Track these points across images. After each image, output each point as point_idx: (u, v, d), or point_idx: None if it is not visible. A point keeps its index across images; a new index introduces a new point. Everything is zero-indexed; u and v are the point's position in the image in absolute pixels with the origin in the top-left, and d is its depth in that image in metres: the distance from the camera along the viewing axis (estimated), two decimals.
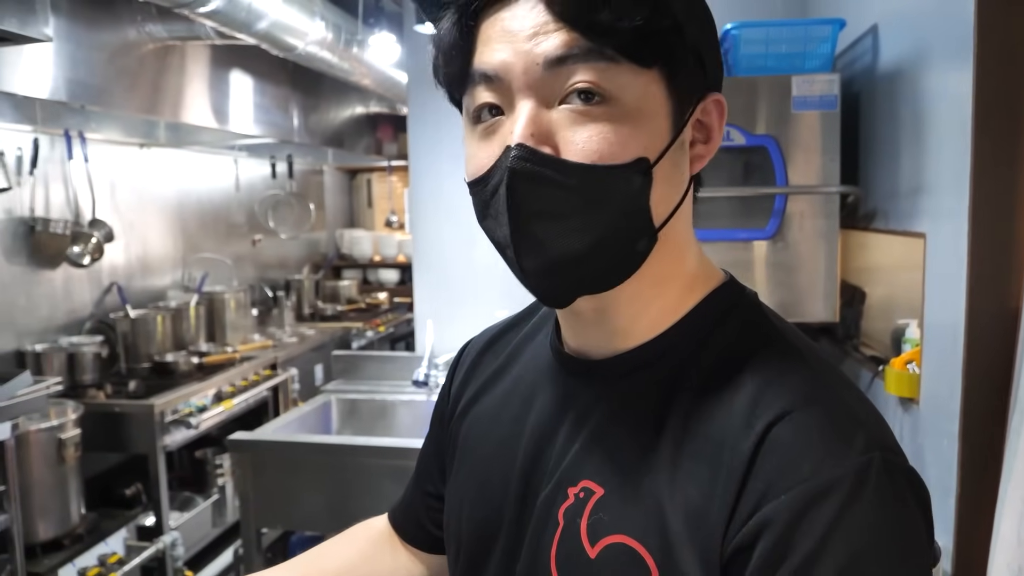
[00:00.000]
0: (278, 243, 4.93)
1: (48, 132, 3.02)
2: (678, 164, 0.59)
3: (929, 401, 1.47)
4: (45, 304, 3.05)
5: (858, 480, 0.51)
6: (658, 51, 0.56)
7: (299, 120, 3.86)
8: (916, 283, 1.52)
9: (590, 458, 0.61)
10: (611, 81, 0.54)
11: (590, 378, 0.64)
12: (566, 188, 0.54)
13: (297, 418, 2.50)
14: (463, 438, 0.75)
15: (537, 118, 0.55)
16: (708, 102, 0.60)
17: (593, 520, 0.59)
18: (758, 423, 0.54)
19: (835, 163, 1.80)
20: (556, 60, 0.54)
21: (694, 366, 0.60)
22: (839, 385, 0.58)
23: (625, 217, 0.56)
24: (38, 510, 2.44)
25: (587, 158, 0.54)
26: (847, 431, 0.53)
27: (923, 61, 1.49)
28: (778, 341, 0.60)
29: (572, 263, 0.56)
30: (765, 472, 0.52)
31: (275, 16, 2.46)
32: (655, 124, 0.56)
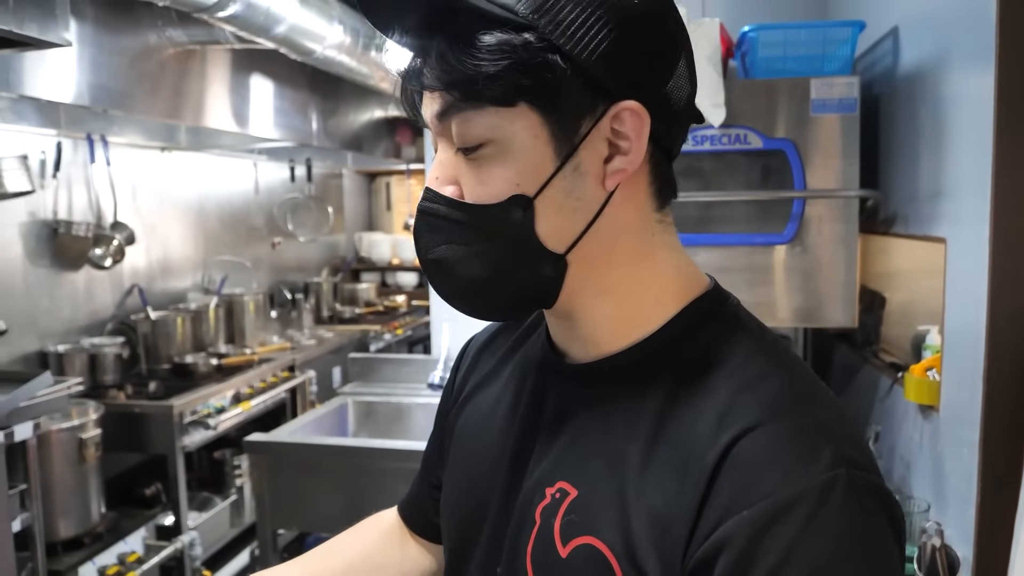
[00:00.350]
0: (297, 246, 4.96)
1: (71, 136, 3.06)
2: (572, 189, 0.58)
3: (949, 409, 1.45)
4: (67, 305, 3.09)
5: (822, 496, 0.50)
6: (522, 89, 0.56)
7: (318, 124, 3.88)
8: (936, 289, 1.49)
9: (568, 458, 0.63)
10: (482, 126, 0.57)
11: (574, 380, 0.66)
12: (462, 225, 0.59)
13: (314, 420, 2.51)
14: (458, 431, 0.78)
15: (444, 162, 0.60)
16: (620, 113, 0.58)
17: (566, 520, 0.61)
18: (724, 435, 0.54)
19: (854, 167, 1.78)
20: (439, 115, 0.59)
21: (669, 373, 0.60)
22: (811, 397, 0.58)
23: (515, 248, 0.59)
24: (59, 509, 2.47)
25: (473, 199, 0.59)
26: (813, 446, 0.53)
27: (944, 63, 1.47)
28: (754, 351, 0.60)
29: (475, 289, 0.61)
30: (728, 486, 0.52)
31: (293, 20, 2.48)
32: (530, 157, 0.57)
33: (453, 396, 0.82)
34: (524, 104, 0.56)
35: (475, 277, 0.60)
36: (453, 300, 0.63)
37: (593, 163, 0.58)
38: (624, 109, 0.58)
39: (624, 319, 0.63)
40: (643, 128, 0.58)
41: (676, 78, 0.60)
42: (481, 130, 0.57)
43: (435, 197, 0.60)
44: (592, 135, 0.58)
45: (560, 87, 0.56)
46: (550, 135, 0.57)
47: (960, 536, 1.32)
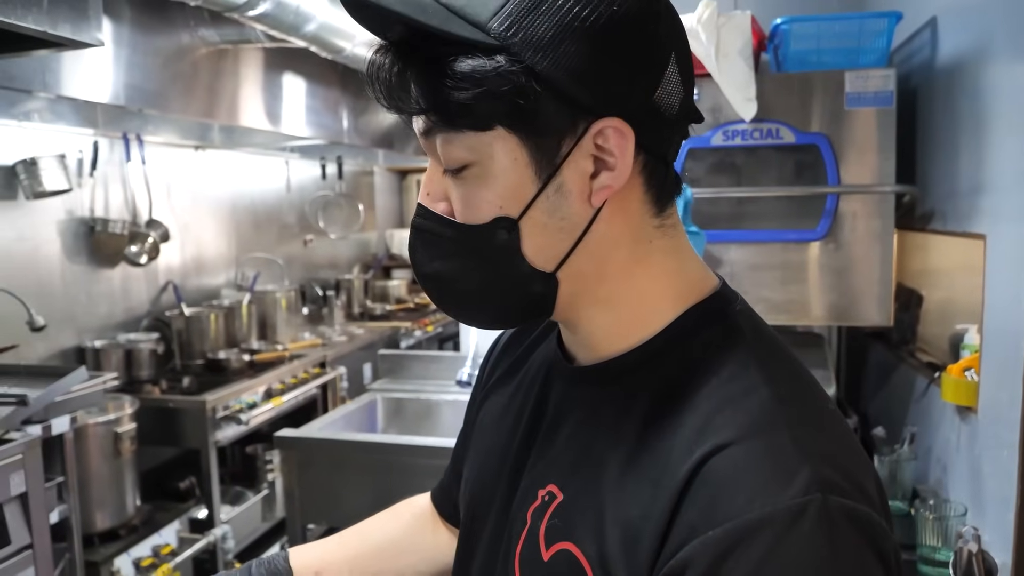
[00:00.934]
0: (329, 243, 5.00)
1: (107, 135, 3.12)
2: (556, 209, 0.57)
3: (988, 410, 1.41)
4: (104, 302, 3.15)
5: (790, 522, 0.47)
6: (495, 113, 0.55)
7: (349, 122, 3.91)
8: (975, 287, 1.45)
9: (560, 461, 0.64)
10: (463, 148, 0.57)
11: (571, 382, 0.67)
12: (450, 240, 0.60)
13: (343, 416, 2.52)
14: (478, 424, 0.79)
15: (434, 178, 0.61)
16: (603, 130, 0.56)
17: (550, 524, 0.61)
18: (699, 449, 0.52)
19: (890, 162, 1.74)
20: (424, 133, 0.59)
21: (660, 380, 0.59)
22: (802, 416, 0.54)
23: (502, 267, 0.59)
24: (95, 501, 2.52)
25: (460, 219, 0.59)
26: (788, 468, 0.50)
27: (985, 54, 1.43)
28: (747, 360, 0.58)
29: (469, 303, 0.63)
30: (697, 504, 0.51)
31: (322, 18, 2.49)
32: (512, 179, 0.57)
33: (481, 389, 0.83)
34: (501, 128, 0.55)
35: (467, 292, 0.62)
36: (450, 312, 0.64)
37: (577, 181, 0.57)
38: (606, 127, 0.56)
39: (622, 325, 0.62)
40: (627, 145, 0.56)
41: (665, 84, 0.57)
42: (462, 152, 0.57)
43: (427, 214, 0.61)
44: (574, 154, 0.56)
45: (536, 109, 0.54)
46: (529, 157, 0.56)
47: (998, 541, 1.28)
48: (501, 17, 0.54)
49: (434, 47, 0.54)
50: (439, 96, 0.55)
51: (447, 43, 0.54)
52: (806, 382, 0.59)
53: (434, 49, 0.54)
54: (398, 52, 0.56)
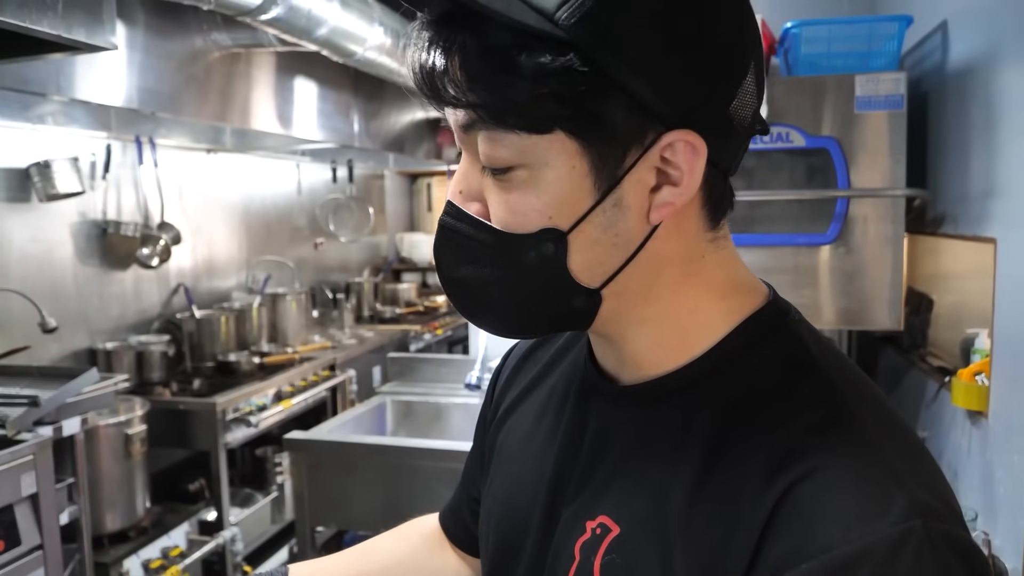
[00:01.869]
0: (339, 246, 5.02)
1: (120, 138, 3.15)
2: (612, 224, 0.52)
3: (999, 415, 1.40)
4: (116, 304, 3.18)
5: (892, 552, 0.44)
6: (557, 118, 0.49)
7: (360, 125, 3.92)
8: (986, 291, 1.45)
9: (609, 490, 0.58)
10: (510, 149, 0.50)
11: (614, 403, 0.61)
12: (486, 246, 0.54)
13: (353, 419, 2.53)
14: (499, 447, 0.73)
15: (469, 175, 0.55)
16: (673, 142, 0.50)
17: (607, 560, 0.56)
18: (782, 478, 0.48)
19: (901, 165, 1.73)
20: (464, 127, 0.52)
21: (722, 401, 0.54)
22: (882, 435, 0.51)
23: (543, 281, 0.54)
24: (105, 502, 2.54)
25: (498, 224, 0.53)
26: (884, 494, 0.46)
27: (996, 58, 1.43)
28: (817, 378, 0.54)
29: (497, 314, 0.57)
30: (785, 536, 0.47)
31: (334, 22, 2.51)
32: (567, 188, 0.51)
33: (492, 408, 0.78)
34: (561, 132, 0.49)
35: (499, 302, 0.56)
36: (475, 320, 0.59)
37: (637, 196, 0.52)
38: (678, 140, 0.50)
39: (670, 342, 0.57)
40: (698, 161, 0.51)
41: (742, 95, 0.52)
42: (509, 154, 0.51)
43: (458, 214, 0.55)
44: (639, 165, 0.51)
45: (604, 116, 0.49)
46: (590, 166, 0.50)
47: (1009, 547, 1.27)
48: (572, 7, 0.47)
49: (492, 33, 0.48)
50: (493, 91, 0.49)
51: (508, 29, 0.47)
52: (880, 397, 0.55)
53: (492, 35, 0.48)
54: (445, 34, 0.50)
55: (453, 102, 0.51)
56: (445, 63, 0.50)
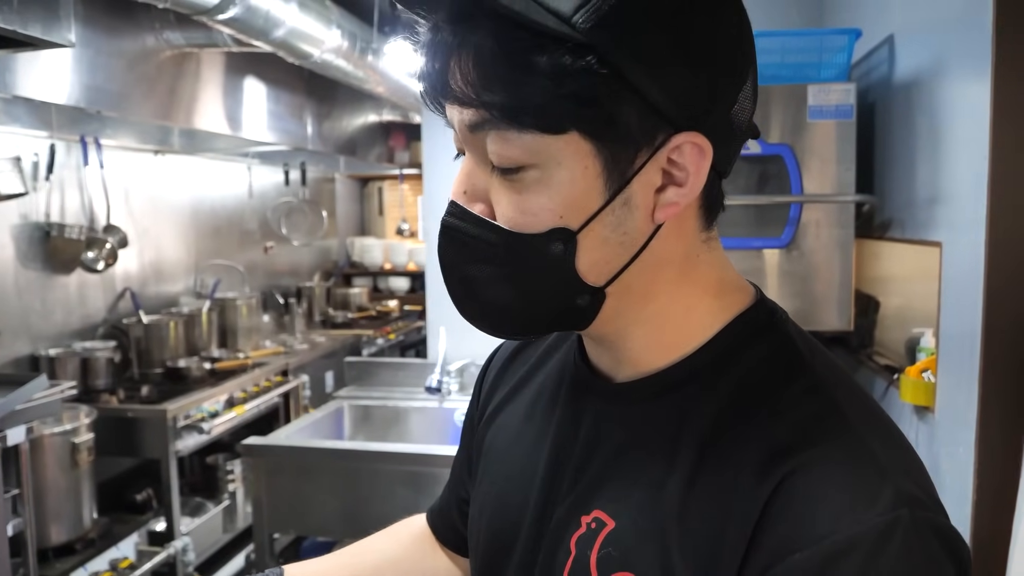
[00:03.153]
0: (290, 250, 4.95)
1: (64, 138, 3.05)
2: (620, 223, 0.53)
3: (945, 409, 1.47)
4: (60, 309, 3.08)
5: (881, 540, 0.46)
6: (573, 118, 0.50)
7: (313, 127, 3.88)
8: (931, 292, 1.51)
9: (604, 485, 0.59)
10: (522, 149, 0.51)
11: (608, 400, 0.62)
12: (492, 246, 0.54)
13: (310, 424, 2.50)
14: (487, 446, 0.74)
15: (473, 175, 0.55)
16: (681, 144, 0.52)
17: (603, 554, 0.57)
18: (775, 471, 0.50)
19: (850, 172, 1.80)
20: (473, 126, 0.52)
21: (712, 398, 0.56)
22: (869, 429, 0.53)
23: (550, 280, 0.54)
24: (51, 514, 2.46)
25: (505, 224, 0.53)
26: (871, 485, 0.48)
27: (941, 71, 1.50)
28: (806, 375, 0.56)
29: (502, 314, 0.57)
30: (778, 526, 0.49)
31: (292, 24, 2.48)
32: (576, 189, 0.52)
33: (480, 408, 0.78)
34: (575, 132, 0.50)
35: (503, 301, 0.56)
36: (476, 321, 0.59)
37: (645, 196, 0.53)
38: (686, 142, 0.52)
39: (664, 340, 0.59)
40: (704, 162, 0.52)
41: (742, 100, 0.54)
42: (521, 153, 0.51)
43: (463, 214, 0.55)
44: (648, 166, 0.52)
45: (619, 117, 0.50)
46: (602, 166, 0.51)
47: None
48: (589, 11, 0.48)
49: (510, 32, 0.48)
50: (509, 90, 0.49)
51: (527, 30, 0.48)
52: (864, 394, 0.58)
53: (510, 35, 0.48)
54: (460, 34, 0.50)
55: (468, 101, 0.51)
56: (459, 62, 0.50)
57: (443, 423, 2.64)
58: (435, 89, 0.53)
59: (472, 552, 0.73)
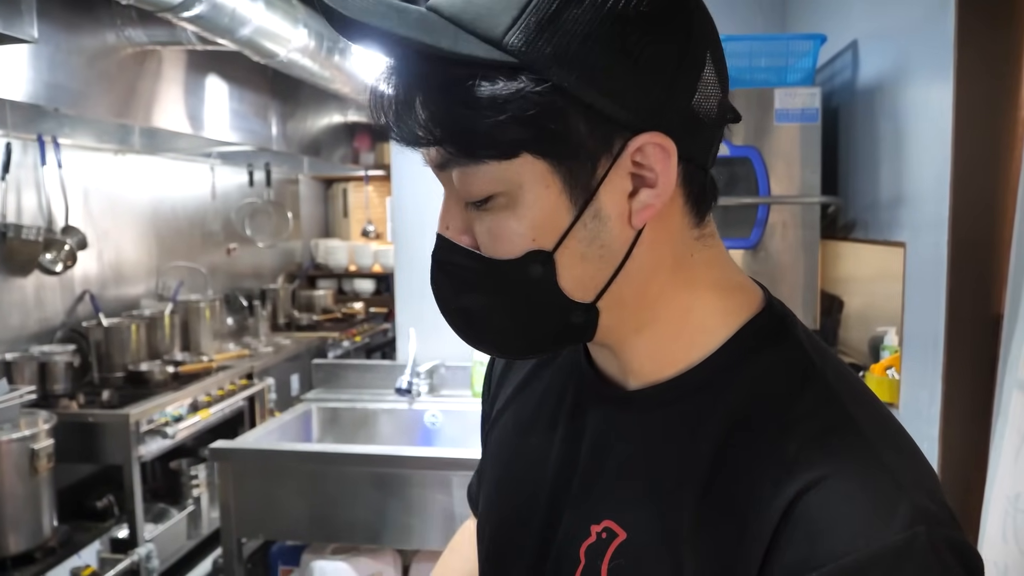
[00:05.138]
0: (253, 252, 4.88)
1: (21, 137, 2.97)
2: (595, 237, 0.53)
3: (909, 406, 1.51)
4: (16, 312, 2.99)
5: (899, 559, 0.45)
6: (522, 142, 0.50)
7: (277, 128, 3.84)
8: (894, 292, 1.55)
9: (613, 495, 0.58)
10: (484, 180, 0.51)
11: (618, 407, 0.61)
12: (477, 274, 0.55)
13: (278, 427, 2.47)
14: (494, 446, 0.74)
15: (452, 210, 0.56)
16: (642, 146, 0.51)
17: (614, 565, 0.56)
18: (788, 487, 0.49)
19: (816, 174, 1.84)
20: (438, 165, 0.54)
21: (724, 407, 0.55)
22: (881, 439, 0.52)
23: (538, 302, 0.55)
24: (9, 522, 2.39)
25: (487, 253, 0.54)
26: (888, 501, 0.48)
27: (903, 76, 1.54)
28: (818, 384, 0.55)
29: (504, 338, 0.58)
30: (793, 544, 0.48)
31: (258, 22, 2.45)
32: (545, 209, 0.51)
33: (490, 406, 0.78)
34: (528, 154, 0.50)
35: (500, 327, 0.57)
36: (479, 346, 0.59)
37: (615, 204, 0.52)
38: (646, 143, 0.51)
39: (669, 347, 0.58)
40: (670, 160, 0.51)
41: (703, 87, 0.52)
42: (485, 185, 0.52)
43: (449, 247, 0.55)
44: (611, 175, 0.51)
45: (567, 131, 0.50)
46: (562, 183, 0.51)
47: None
48: (518, 31, 0.48)
49: (445, 69, 0.49)
50: (456, 125, 0.50)
51: (460, 64, 0.48)
52: (874, 401, 0.57)
53: (445, 71, 0.49)
54: (405, 76, 0.51)
55: (423, 142, 0.52)
56: (409, 106, 0.51)
57: (413, 425, 2.62)
58: (400, 136, 0.52)
59: (479, 555, 0.72)
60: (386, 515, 2.06)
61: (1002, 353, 1.16)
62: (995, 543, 1.10)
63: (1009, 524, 1.09)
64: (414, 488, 2.03)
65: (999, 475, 1.12)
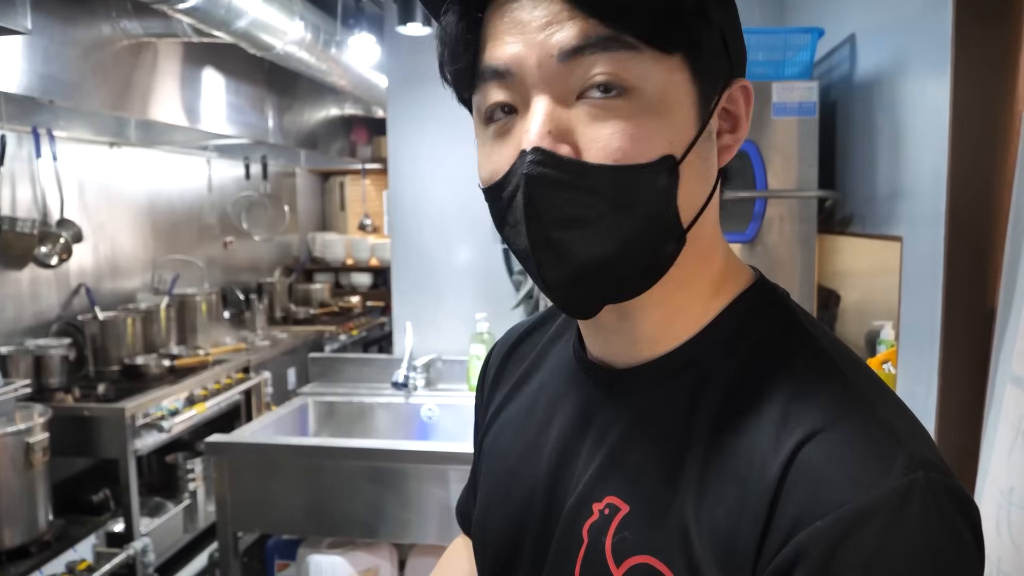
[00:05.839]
0: (249, 245, 4.87)
1: (15, 129, 2.96)
2: (706, 158, 0.55)
3: (905, 400, 1.49)
4: (11, 305, 2.98)
5: (900, 504, 0.47)
6: (682, 36, 0.52)
7: (274, 121, 3.82)
8: (890, 286, 1.55)
9: (615, 472, 0.58)
10: (632, 71, 0.50)
11: (614, 387, 0.61)
12: (588, 192, 0.50)
13: (274, 421, 2.47)
14: (490, 445, 0.73)
15: (554, 115, 0.51)
16: (734, 88, 0.56)
17: (618, 539, 0.56)
18: (788, 441, 0.50)
19: (813, 168, 1.84)
20: (572, 51, 0.49)
21: (722, 375, 0.56)
22: (876, 396, 0.53)
23: (652, 220, 0.53)
24: (4, 516, 2.38)
25: (609, 158, 0.50)
26: (886, 450, 0.49)
27: (901, 70, 1.53)
28: (811, 347, 0.56)
29: (597, 272, 0.53)
30: (796, 496, 0.49)
31: (255, 15, 2.44)
32: (680, 116, 0.52)
33: (484, 407, 0.78)
34: (680, 57, 0.52)
35: (598, 258, 0.52)
36: (564, 289, 0.54)
37: (715, 135, 0.57)
38: (740, 86, 0.57)
39: (672, 318, 0.59)
40: (750, 106, 0.57)
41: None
42: (632, 76, 0.50)
43: (552, 161, 0.50)
44: (718, 105, 0.56)
45: (710, 49, 0.54)
46: (697, 94, 0.54)
47: None
48: None
49: None
50: (645, 5, 0.50)
51: None
52: (863, 364, 0.59)
53: None
54: None
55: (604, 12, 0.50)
56: None
57: (409, 418, 2.62)
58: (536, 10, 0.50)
59: (479, 552, 0.72)
60: (382, 509, 2.06)
61: (995, 347, 1.16)
62: (988, 536, 1.10)
63: (1003, 517, 1.09)
64: (410, 482, 2.03)
65: (992, 469, 1.12)
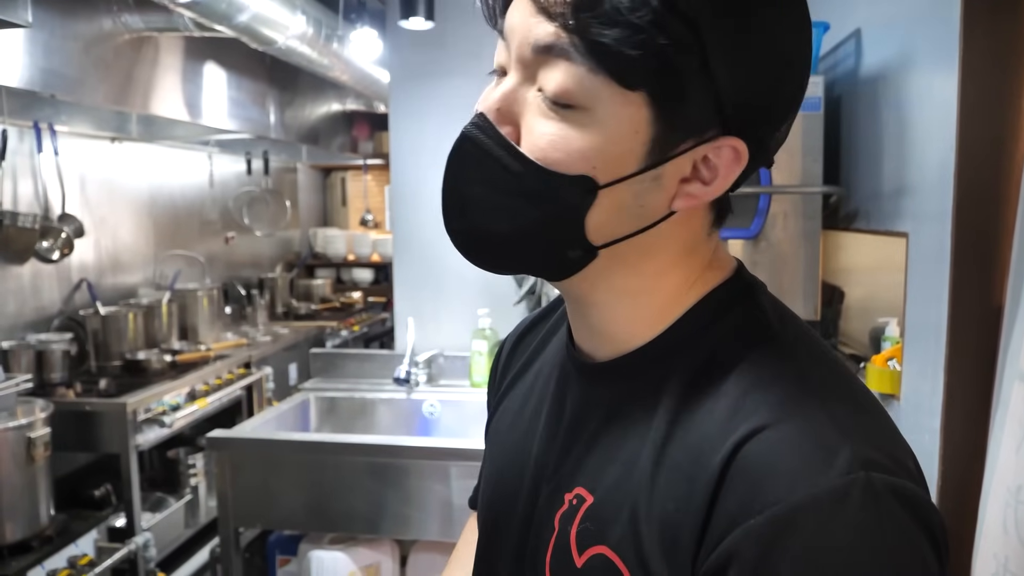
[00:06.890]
0: (251, 241, 4.87)
1: (17, 124, 2.95)
2: (642, 196, 0.53)
3: (910, 397, 1.50)
4: (12, 300, 2.98)
5: (834, 504, 0.46)
6: (650, 79, 0.49)
7: (275, 116, 3.81)
8: (895, 282, 1.54)
9: (586, 463, 0.60)
10: (585, 90, 0.50)
11: (591, 379, 0.63)
12: (504, 170, 0.53)
13: (275, 416, 2.47)
14: (493, 431, 0.76)
15: (512, 95, 0.53)
16: (722, 146, 0.52)
17: (581, 528, 0.57)
18: (731, 437, 0.50)
19: (818, 164, 1.83)
20: (543, 48, 0.51)
21: (684, 371, 0.56)
22: (833, 392, 0.53)
23: (554, 223, 0.54)
24: (6, 511, 2.38)
25: (532, 154, 0.52)
26: (829, 448, 0.48)
27: (907, 65, 1.52)
28: (774, 341, 0.56)
29: (490, 239, 0.56)
30: (735, 492, 0.48)
31: (256, 9, 2.43)
32: (620, 148, 0.51)
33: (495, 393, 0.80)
34: (644, 94, 0.50)
35: (494, 229, 0.55)
36: (457, 236, 0.57)
37: (672, 179, 0.53)
38: (730, 146, 0.52)
39: (642, 316, 0.59)
40: (736, 168, 0.53)
41: (787, 124, 0.55)
42: (583, 94, 0.50)
43: (490, 131, 0.53)
44: (687, 154, 0.53)
45: (690, 97, 0.50)
46: (651, 137, 0.51)
47: None
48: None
49: None
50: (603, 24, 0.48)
51: None
52: (834, 360, 0.58)
53: None
54: None
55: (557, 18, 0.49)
56: None
57: (411, 414, 2.62)
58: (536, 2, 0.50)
59: (479, 532, 0.74)
60: (384, 505, 2.05)
61: (1002, 344, 1.16)
62: (995, 534, 1.09)
63: (1010, 515, 1.09)
64: (412, 478, 2.03)
65: (999, 466, 1.11)
